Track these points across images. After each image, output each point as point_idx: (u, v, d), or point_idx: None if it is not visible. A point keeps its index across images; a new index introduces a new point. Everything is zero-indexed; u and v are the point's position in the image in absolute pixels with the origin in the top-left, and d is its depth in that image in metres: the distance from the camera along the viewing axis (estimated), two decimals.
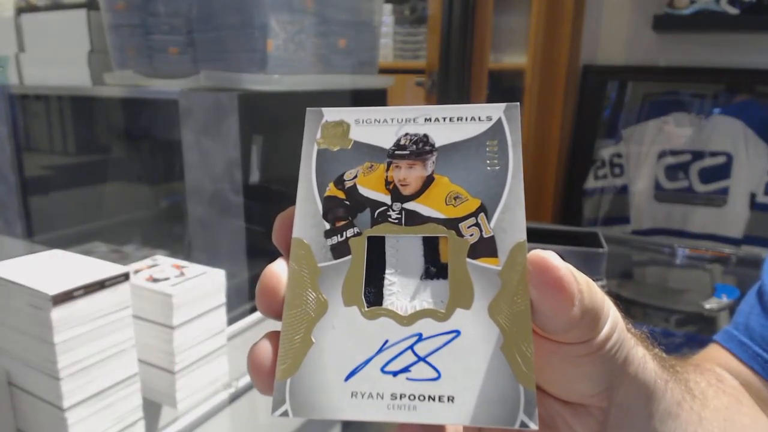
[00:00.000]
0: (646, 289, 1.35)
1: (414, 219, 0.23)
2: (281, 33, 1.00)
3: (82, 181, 1.42)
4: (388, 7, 2.11)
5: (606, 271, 1.09)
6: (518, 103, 0.24)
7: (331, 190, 0.24)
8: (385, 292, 0.22)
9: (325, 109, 0.25)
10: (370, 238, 0.23)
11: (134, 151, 1.39)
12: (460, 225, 0.22)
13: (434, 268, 0.23)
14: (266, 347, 0.22)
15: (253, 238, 1.07)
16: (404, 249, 0.23)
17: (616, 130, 1.73)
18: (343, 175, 0.24)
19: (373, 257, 0.23)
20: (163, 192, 1.33)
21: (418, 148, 0.24)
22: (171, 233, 1.27)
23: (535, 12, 1.67)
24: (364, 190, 0.24)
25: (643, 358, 0.26)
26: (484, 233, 0.22)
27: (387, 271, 0.23)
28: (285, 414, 0.21)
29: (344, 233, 0.23)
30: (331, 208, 0.23)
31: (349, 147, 0.24)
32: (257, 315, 0.95)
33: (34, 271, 0.62)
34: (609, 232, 1.58)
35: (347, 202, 0.23)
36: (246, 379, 0.87)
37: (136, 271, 0.75)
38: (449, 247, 0.22)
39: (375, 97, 1.37)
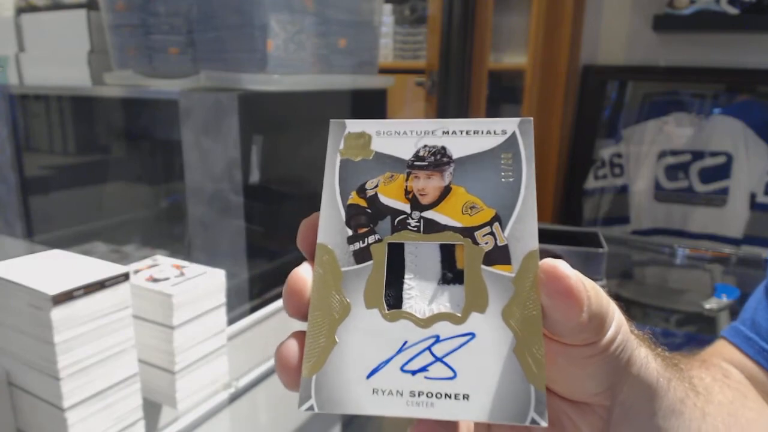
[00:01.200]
0: (646, 289, 1.35)
1: (432, 227, 0.24)
2: (281, 33, 1.00)
3: (82, 181, 1.42)
4: (388, 7, 2.11)
5: (606, 271, 1.09)
6: (531, 118, 0.25)
7: (354, 198, 0.25)
8: (405, 295, 0.24)
9: (347, 121, 0.26)
10: (390, 245, 0.24)
11: (134, 151, 1.39)
12: (475, 233, 0.24)
13: (451, 273, 0.24)
14: (293, 346, 0.23)
15: (253, 238, 1.07)
16: (423, 255, 0.24)
17: (616, 130, 1.73)
18: (364, 184, 0.25)
19: (393, 263, 0.24)
20: (163, 192, 1.33)
21: (437, 160, 0.25)
22: (171, 233, 1.27)
23: (535, 12, 1.67)
24: (384, 199, 0.25)
25: (645, 358, 0.26)
26: (498, 242, 0.23)
27: (406, 276, 0.24)
28: (311, 408, 0.22)
29: (366, 240, 0.24)
30: (353, 216, 0.25)
31: (371, 157, 0.26)
32: (257, 315, 0.95)
33: (34, 271, 0.62)
34: (609, 232, 1.59)
35: (369, 210, 0.25)
36: (246, 379, 0.87)
37: (136, 271, 0.75)
38: (465, 255, 0.23)
39: (375, 97, 1.37)
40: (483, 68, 1.62)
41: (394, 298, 0.23)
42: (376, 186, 0.25)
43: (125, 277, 0.64)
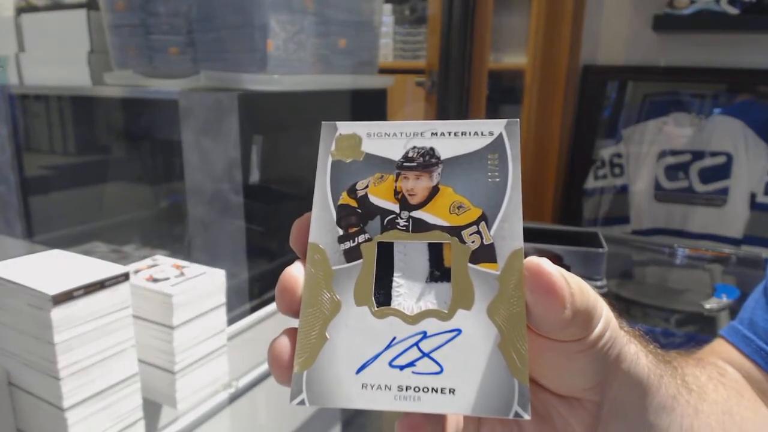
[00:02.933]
0: (646, 289, 1.35)
1: (420, 226, 0.25)
2: (281, 33, 1.00)
3: (82, 181, 1.42)
4: (388, 7, 2.11)
5: (606, 271, 1.09)
6: (518, 120, 0.26)
7: (344, 198, 0.26)
8: (393, 293, 0.24)
9: (339, 123, 0.27)
10: (379, 244, 0.25)
11: (134, 151, 1.39)
12: (462, 232, 0.24)
13: (438, 271, 0.25)
14: (285, 342, 0.24)
15: (253, 238, 1.07)
16: (411, 254, 0.25)
17: (616, 130, 1.73)
18: (355, 184, 0.26)
19: (382, 261, 0.25)
20: (163, 192, 1.33)
21: (425, 161, 0.26)
22: (171, 233, 1.27)
23: (535, 12, 1.67)
24: (374, 199, 0.25)
25: (635, 355, 0.27)
26: (484, 240, 0.24)
27: (395, 274, 0.25)
28: (302, 403, 0.23)
29: (356, 239, 0.25)
30: (344, 216, 0.25)
31: (361, 159, 0.26)
32: (257, 315, 0.95)
33: (34, 271, 0.62)
34: (609, 232, 1.58)
35: (359, 210, 0.25)
36: (246, 379, 0.87)
37: (136, 271, 0.75)
38: (452, 253, 0.24)
39: (375, 97, 1.37)
40: (483, 68, 1.61)
41: (383, 296, 0.24)
42: (367, 186, 0.26)
43: (125, 277, 0.64)
